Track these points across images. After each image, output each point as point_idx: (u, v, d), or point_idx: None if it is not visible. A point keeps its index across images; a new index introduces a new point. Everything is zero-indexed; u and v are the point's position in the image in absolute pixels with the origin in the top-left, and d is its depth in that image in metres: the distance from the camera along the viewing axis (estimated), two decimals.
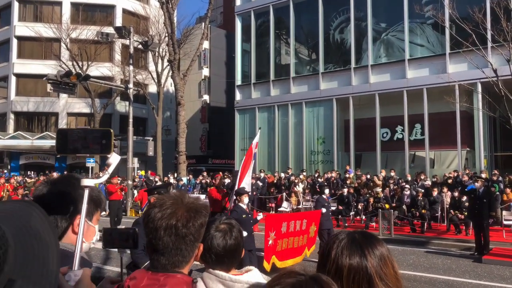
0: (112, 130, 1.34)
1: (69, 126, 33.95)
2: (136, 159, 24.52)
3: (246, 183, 9.68)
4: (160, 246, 1.34)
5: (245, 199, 7.42)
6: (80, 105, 33.82)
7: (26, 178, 24.32)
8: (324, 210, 9.56)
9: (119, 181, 16.41)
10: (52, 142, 31.14)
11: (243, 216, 7.12)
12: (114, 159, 1.34)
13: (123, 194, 16.25)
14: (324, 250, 1.25)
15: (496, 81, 11.21)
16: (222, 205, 10.22)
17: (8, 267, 0.67)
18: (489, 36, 13.06)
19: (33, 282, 0.70)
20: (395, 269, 1.23)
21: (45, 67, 29.46)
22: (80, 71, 23.72)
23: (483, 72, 12.29)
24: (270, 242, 7.71)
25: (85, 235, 1.43)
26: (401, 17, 20.20)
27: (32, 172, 27.27)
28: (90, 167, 26.31)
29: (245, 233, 6.83)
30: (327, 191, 10.94)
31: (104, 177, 1.34)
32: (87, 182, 1.24)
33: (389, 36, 21.31)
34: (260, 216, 7.80)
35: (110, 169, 1.31)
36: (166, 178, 23.81)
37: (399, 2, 20.15)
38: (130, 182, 20.19)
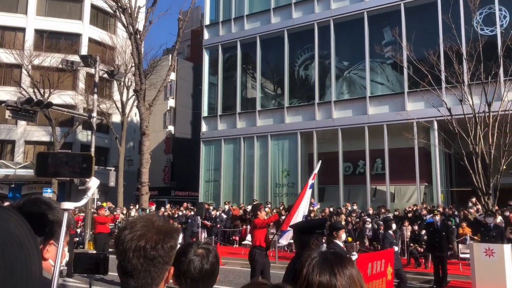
0: (93, 155, 1.36)
1: (26, 155, 32.67)
2: (96, 190, 23.80)
3: (298, 217, 8.46)
4: (129, 268, 1.34)
5: (343, 236, 6.25)
6: (40, 133, 32.66)
7: None
8: (396, 248, 8.72)
9: (107, 212, 14.73)
10: (7, 171, 29.72)
11: None
12: (93, 183, 1.36)
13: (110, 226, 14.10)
14: (297, 267, 1.30)
15: (450, 119, 11.82)
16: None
17: None
18: (443, 77, 13.86)
19: None
20: None
21: (4, 93, 28.51)
22: (41, 98, 23.07)
23: (439, 111, 12.96)
24: None
25: (54, 258, 1.41)
26: (363, 56, 21.16)
27: None
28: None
29: None
30: (394, 226, 9.73)
31: (83, 201, 1.34)
32: (67, 205, 1.24)
33: (351, 74, 22.20)
34: (355, 255, 6.84)
35: (90, 193, 1.32)
36: (126, 210, 23.16)
37: (361, 42, 21.16)
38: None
